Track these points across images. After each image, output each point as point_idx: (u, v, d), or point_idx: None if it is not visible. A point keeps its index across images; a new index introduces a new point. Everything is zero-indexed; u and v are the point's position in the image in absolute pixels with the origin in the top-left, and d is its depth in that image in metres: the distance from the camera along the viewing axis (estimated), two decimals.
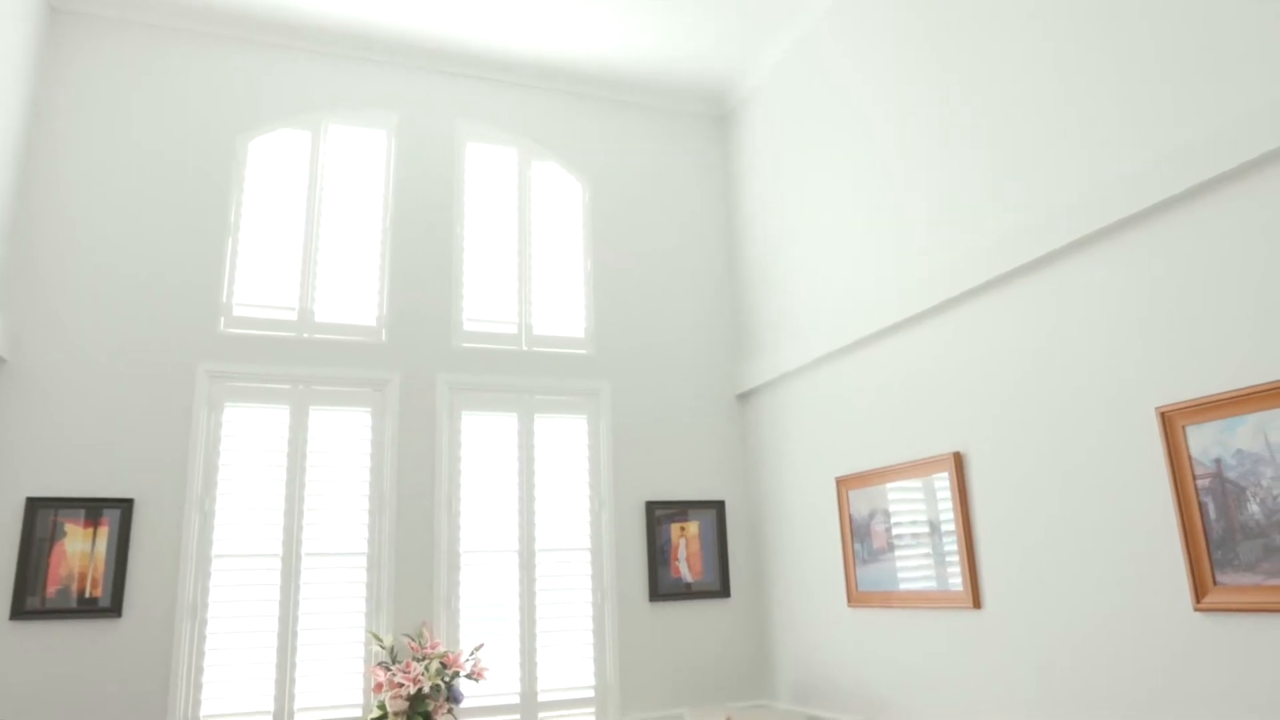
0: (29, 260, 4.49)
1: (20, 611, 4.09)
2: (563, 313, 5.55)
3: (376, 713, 4.29)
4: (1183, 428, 2.94)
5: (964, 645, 3.83)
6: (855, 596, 4.54)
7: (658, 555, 5.29)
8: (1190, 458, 2.91)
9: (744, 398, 5.77)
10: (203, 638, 4.38)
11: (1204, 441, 2.87)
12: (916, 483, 4.16)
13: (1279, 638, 2.64)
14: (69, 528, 4.24)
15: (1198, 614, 2.87)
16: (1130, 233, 3.21)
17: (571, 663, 5.03)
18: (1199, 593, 2.86)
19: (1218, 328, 2.88)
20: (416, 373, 5.06)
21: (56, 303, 4.49)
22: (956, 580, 3.88)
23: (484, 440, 5.15)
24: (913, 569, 4.15)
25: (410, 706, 4.21)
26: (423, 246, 5.28)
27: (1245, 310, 2.80)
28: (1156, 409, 3.03)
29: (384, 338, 5.07)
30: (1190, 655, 2.89)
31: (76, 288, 4.53)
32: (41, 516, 4.20)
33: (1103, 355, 3.27)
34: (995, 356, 3.77)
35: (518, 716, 4.84)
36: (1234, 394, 2.78)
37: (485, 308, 5.36)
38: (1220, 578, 2.81)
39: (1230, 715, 2.76)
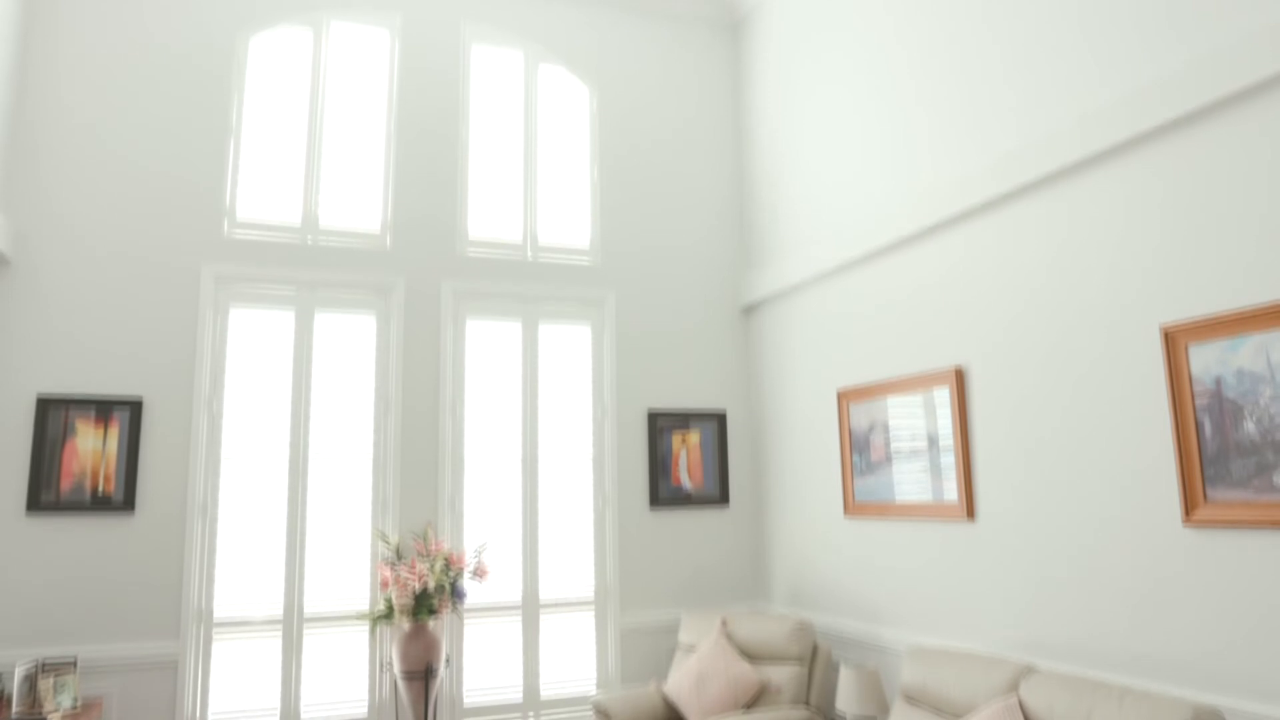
0: (31, 160, 4.45)
1: (36, 505, 4.19)
2: (568, 221, 5.50)
3: (383, 608, 4.44)
4: (1185, 346, 2.94)
5: (957, 555, 3.93)
6: (852, 507, 4.62)
7: (659, 464, 5.38)
8: (1190, 376, 2.93)
9: (748, 310, 5.77)
10: (214, 535, 4.49)
11: (1205, 360, 2.88)
12: (917, 397, 4.19)
13: (1265, 551, 2.70)
14: (80, 426, 4.31)
15: (1186, 529, 2.93)
16: (1138, 151, 3.16)
17: (572, 566, 5.16)
18: (1189, 508, 2.91)
19: (1225, 247, 2.86)
20: (421, 279, 5.06)
21: (59, 202, 4.46)
22: (952, 492, 3.94)
23: (488, 347, 5.18)
24: (909, 481, 4.22)
25: (416, 603, 4.35)
26: (427, 152, 5.21)
27: (1252, 230, 2.77)
28: (1160, 327, 3.03)
29: (389, 244, 5.05)
30: (1177, 568, 2.95)
31: (79, 187, 4.50)
32: (53, 414, 4.27)
33: (1108, 273, 3.26)
34: (1000, 273, 3.76)
35: (520, 615, 5.00)
36: (1238, 313, 2.77)
37: (490, 215, 5.32)
38: (1211, 494, 2.85)
39: (1215, 624, 2.84)
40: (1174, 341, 2.98)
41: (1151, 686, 3.00)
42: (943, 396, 4.02)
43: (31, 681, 3.78)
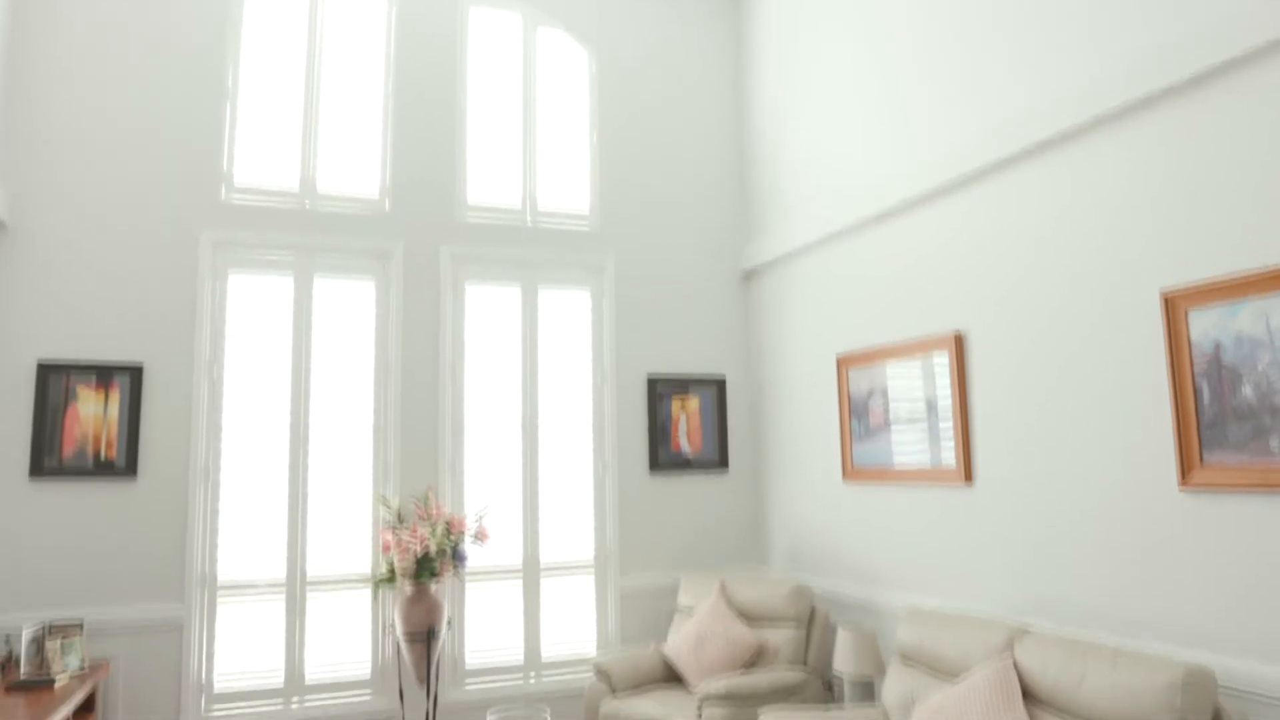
0: (27, 126, 4.41)
1: (39, 470, 4.22)
2: (568, 187, 5.47)
3: (385, 571, 4.48)
4: (1185, 311, 2.94)
5: (955, 519, 3.96)
6: (851, 471, 4.65)
7: (658, 429, 5.40)
8: (1189, 341, 2.93)
9: (748, 275, 5.76)
10: (216, 499, 4.52)
11: (1204, 325, 2.88)
12: (916, 362, 4.19)
13: (1260, 514, 2.72)
14: (81, 391, 4.32)
15: (1182, 492, 2.95)
16: (1138, 116, 3.14)
17: (572, 530, 5.20)
18: (1185, 472, 2.93)
19: (1225, 212, 2.84)
20: (420, 244, 5.04)
21: (56, 168, 4.43)
22: (950, 457, 3.97)
23: (488, 312, 5.18)
24: (908, 446, 4.24)
25: (417, 566, 4.39)
26: (425, 116, 5.16)
27: (1252, 195, 2.76)
28: (1160, 292, 3.02)
29: (387, 209, 5.02)
30: (1173, 531, 2.98)
31: (76, 153, 4.47)
32: (54, 380, 4.28)
33: (1108, 238, 3.25)
34: (1000, 238, 3.74)
35: (520, 579, 5.05)
36: (1238, 277, 2.77)
37: (490, 180, 5.29)
38: (1208, 458, 2.87)
39: (1209, 586, 2.87)
40: (1173, 306, 2.97)
41: (1146, 648, 3.04)
42: (942, 361, 4.02)
43: (39, 644, 3.83)
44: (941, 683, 3.40)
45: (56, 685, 3.61)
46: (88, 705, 3.95)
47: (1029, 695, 3.01)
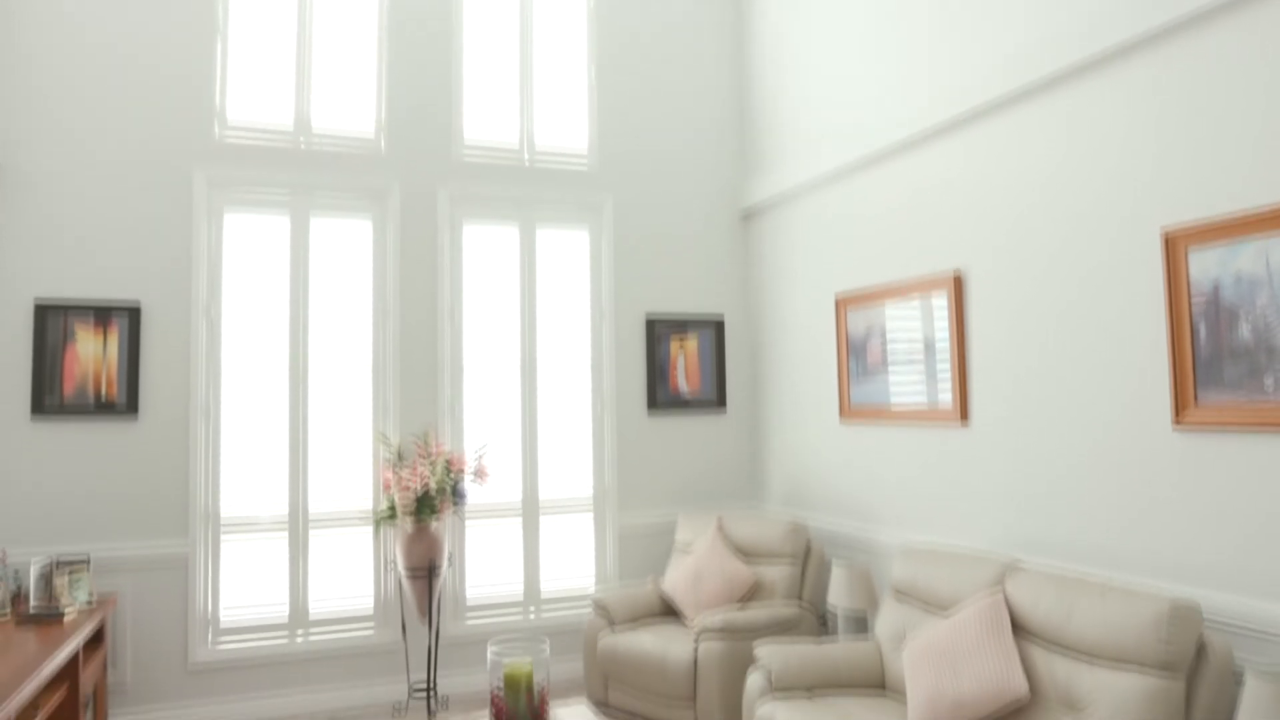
0: (18, 63, 4.33)
1: (40, 409, 4.24)
2: (566, 125, 5.40)
3: (386, 509, 4.54)
4: (1185, 250, 2.93)
5: (950, 458, 3.99)
6: (848, 411, 4.68)
7: (657, 369, 5.42)
8: (1189, 280, 2.92)
9: (747, 215, 5.72)
10: (217, 438, 4.56)
11: (1205, 264, 2.87)
12: (915, 302, 4.19)
13: (1252, 452, 2.75)
14: (79, 331, 4.32)
15: (1175, 431, 2.97)
16: (1140, 55, 3.08)
17: (571, 468, 5.25)
18: (1179, 411, 2.94)
19: (1228, 150, 2.81)
20: (417, 183, 5.00)
21: (49, 105, 4.36)
22: (947, 397, 3.99)
23: (486, 251, 5.15)
24: (905, 386, 4.26)
25: (418, 504, 4.44)
26: (421, 53, 5.07)
27: (1257, 133, 2.72)
28: (1161, 231, 3.01)
29: (383, 147, 4.96)
30: (1165, 469, 3.01)
31: (68, 90, 4.39)
32: (52, 319, 4.27)
33: (1109, 177, 3.22)
34: (1000, 178, 3.71)
35: (520, 516, 5.11)
36: (1240, 216, 2.75)
37: (486, 118, 5.21)
38: (1202, 397, 2.88)
39: (1199, 522, 2.92)
40: (1174, 245, 2.96)
41: (1135, 583, 3.09)
42: (940, 302, 4.02)
43: (47, 578, 3.89)
44: (934, 617, 3.46)
45: (65, 618, 3.68)
46: (97, 638, 4.04)
47: (1019, 628, 3.08)
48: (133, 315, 4.41)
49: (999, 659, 2.98)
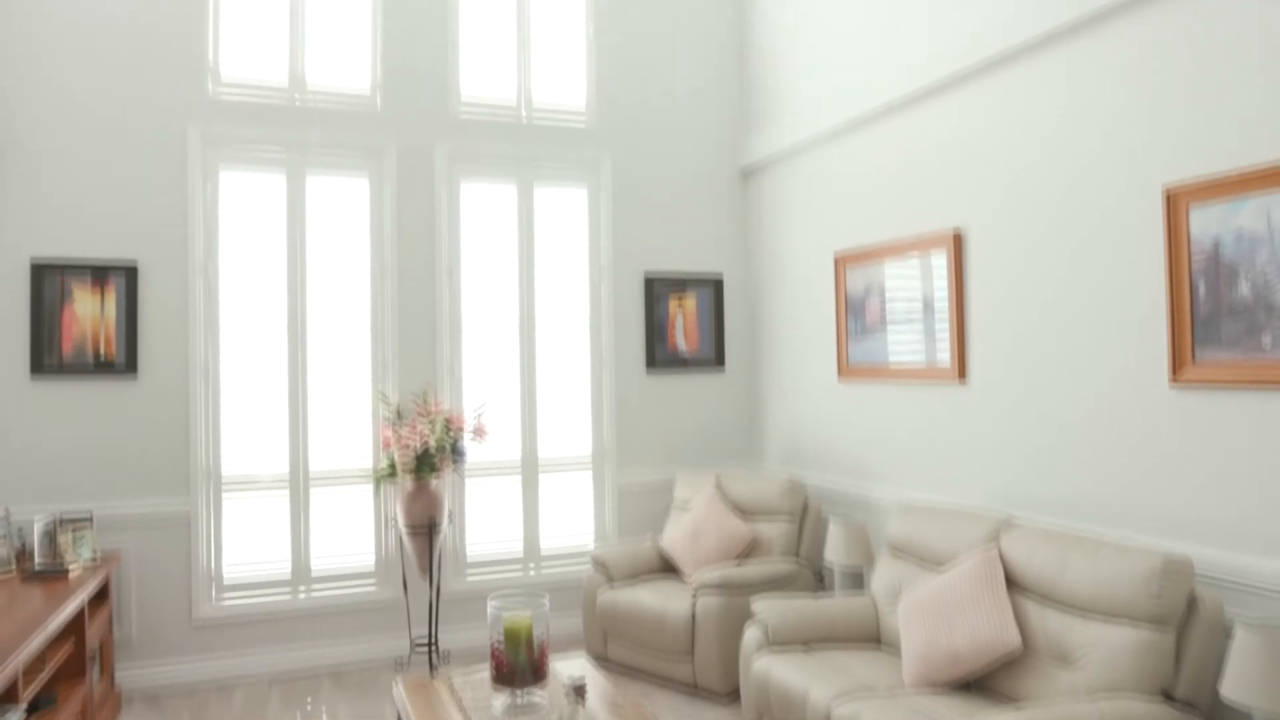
0: (10, 20, 4.26)
1: (39, 369, 4.24)
2: (563, 82, 5.33)
3: (386, 466, 4.56)
4: (1187, 207, 2.92)
5: (948, 416, 4.01)
6: (846, 370, 4.69)
7: (655, 327, 5.42)
8: (1189, 238, 2.91)
9: (747, 173, 5.68)
10: (217, 397, 4.57)
11: (1205, 221, 2.86)
12: (914, 260, 4.18)
13: (1247, 409, 2.76)
14: (77, 290, 4.31)
15: (1172, 389, 2.98)
16: (1142, 8, 3.04)
17: (570, 427, 5.28)
18: (1176, 369, 2.95)
19: (1231, 107, 2.79)
20: (414, 141, 4.95)
21: (42, 63, 4.30)
22: (945, 355, 3.99)
23: (484, 210, 5.12)
24: (903, 344, 4.26)
25: (417, 462, 4.47)
26: (418, 8, 4.98)
27: (1260, 89, 2.70)
28: (1163, 187, 2.99)
29: (379, 104, 4.91)
30: (1161, 426, 3.03)
31: (60, 47, 4.33)
32: (49, 279, 4.26)
33: (1110, 133, 3.19)
34: (1000, 135, 3.68)
35: (519, 474, 5.14)
36: (1242, 173, 2.74)
37: (483, 75, 5.15)
38: (1200, 355, 2.89)
39: (1193, 479, 2.94)
40: (1175, 202, 2.95)
41: (1130, 539, 3.12)
42: (940, 260, 4.00)
43: (51, 535, 3.92)
44: (929, 573, 3.50)
45: (70, 574, 3.71)
46: (101, 594, 4.08)
47: (1013, 583, 3.12)
48: (130, 275, 4.39)
49: (993, 613, 3.02)
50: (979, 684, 3.10)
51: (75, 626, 3.57)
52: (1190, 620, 2.67)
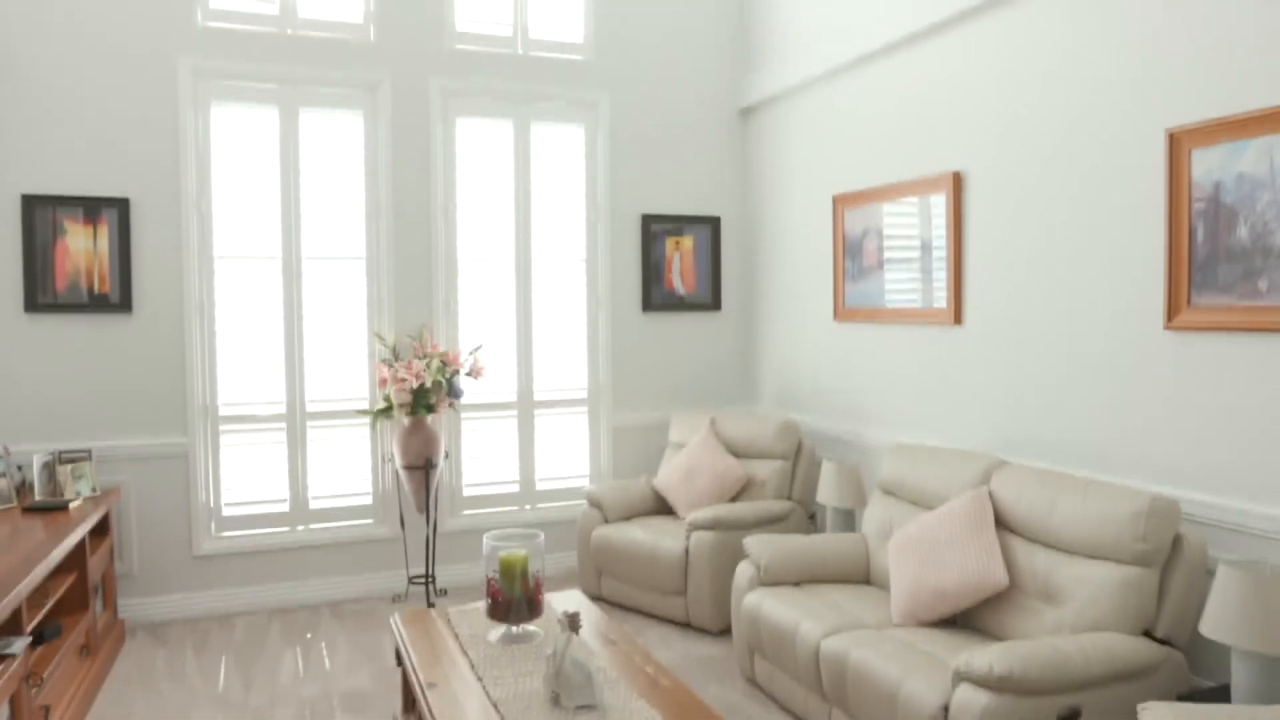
0: None
1: (33, 305, 4.22)
2: (561, 14, 5.22)
3: (383, 404, 4.58)
4: (1189, 150, 2.89)
5: (943, 359, 4.02)
6: (842, 312, 4.69)
7: (652, 268, 5.39)
8: (1190, 181, 2.89)
9: (746, 113, 5.60)
10: (213, 334, 4.56)
11: (1208, 164, 2.84)
12: (913, 202, 4.15)
13: (1241, 354, 2.77)
14: (69, 225, 4.27)
15: (1166, 332, 2.99)
16: None
17: (566, 367, 5.29)
18: (1171, 313, 2.96)
19: (1236, 48, 2.74)
20: (408, 75, 4.86)
21: None
22: (941, 297, 3.99)
23: (479, 147, 5.06)
24: (899, 286, 4.26)
25: (414, 400, 4.49)
26: None
27: (1265, 29, 2.65)
28: (1165, 130, 2.96)
29: (372, 36, 4.81)
30: (1154, 370, 3.04)
31: None
32: (40, 214, 4.22)
33: (1113, 75, 3.15)
34: (1003, 76, 3.62)
35: (515, 413, 5.17)
36: (1247, 115, 2.70)
37: (479, 5, 5.03)
38: (1195, 299, 2.89)
39: (1184, 423, 2.96)
40: (1178, 144, 2.92)
41: (1119, 481, 3.16)
42: (939, 201, 3.98)
43: (50, 470, 3.95)
44: (920, 512, 3.55)
45: (71, 507, 3.75)
46: (102, 529, 4.13)
47: (1002, 523, 3.16)
48: (122, 210, 4.35)
49: (981, 551, 3.06)
50: (966, 620, 3.17)
51: (77, 559, 3.62)
52: (1174, 559, 2.72)
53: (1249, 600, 2.28)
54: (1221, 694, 2.54)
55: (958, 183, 3.86)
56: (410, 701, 3.01)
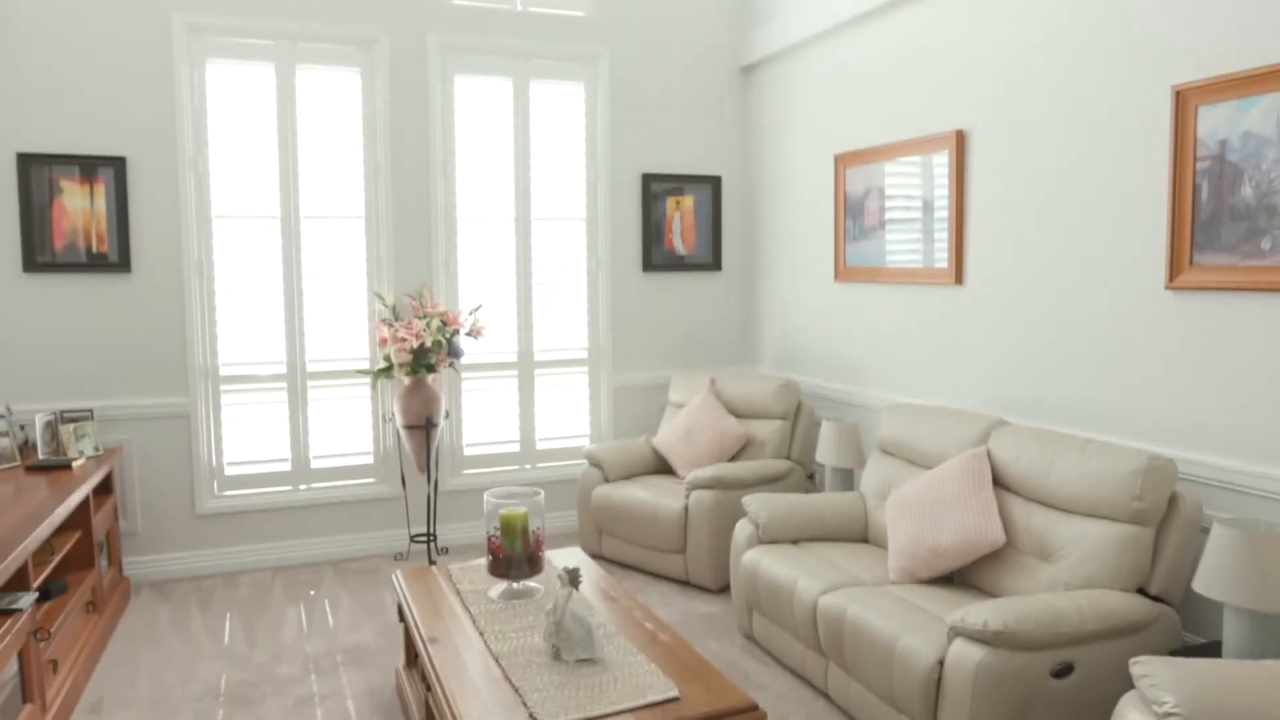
0: None
1: (32, 265, 4.21)
2: None
3: (383, 364, 4.59)
4: (1195, 108, 2.86)
5: (943, 319, 4.02)
6: (843, 272, 4.67)
7: (652, 228, 5.37)
8: (1196, 139, 2.87)
9: (747, 70, 5.53)
10: (212, 294, 4.55)
11: (1214, 122, 2.81)
12: (915, 160, 4.12)
13: (1242, 314, 2.77)
14: (65, 184, 4.25)
15: (1167, 292, 2.98)
16: None
17: (566, 327, 5.28)
18: (1173, 272, 2.95)
19: (1245, 4, 2.70)
20: (405, 31, 4.79)
21: None
22: (942, 257, 3.97)
23: (478, 106, 5.00)
24: (901, 246, 4.24)
25: (414, 359, 4.49)
26: None
27: None
28: (1172, 87, 2.92)
29: None
30: (1154, 330, 3.04)
31: None
32: (36, 173, 4.19)
33: (1121, 31, 3.10)
34: (1008, 32, 3.57)
35: (515, 373, 5.18)
36: (1255, 71, 2.67)
37: None
38: (1198, 258, 2.88)
39: (1184, 383, 2.97)
40: (1184, 102, 2.89)
41: (1118, 441, 3.17)
42: (941, 160, 3.95)
43: (53, 430, 3.97)
44: (919, 472, 3.57)
45: (74, 466, 3.77)
46: (106, 488, 4.16)
47: (1000, 482, 3.18)
48: (118, 169, 4.32)
49: (978, 510, 3.09)
50: (962, 578, 3.20)
51: (81, 517, 3.66)
52: (1169, 519, 2.74)
53: (1242, 558, 2.30)
54: (1213, 650, 2.57)
55: (961, 141, 3.83)
56: (413, 656, 3.06)
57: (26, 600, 2.70)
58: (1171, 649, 2.67)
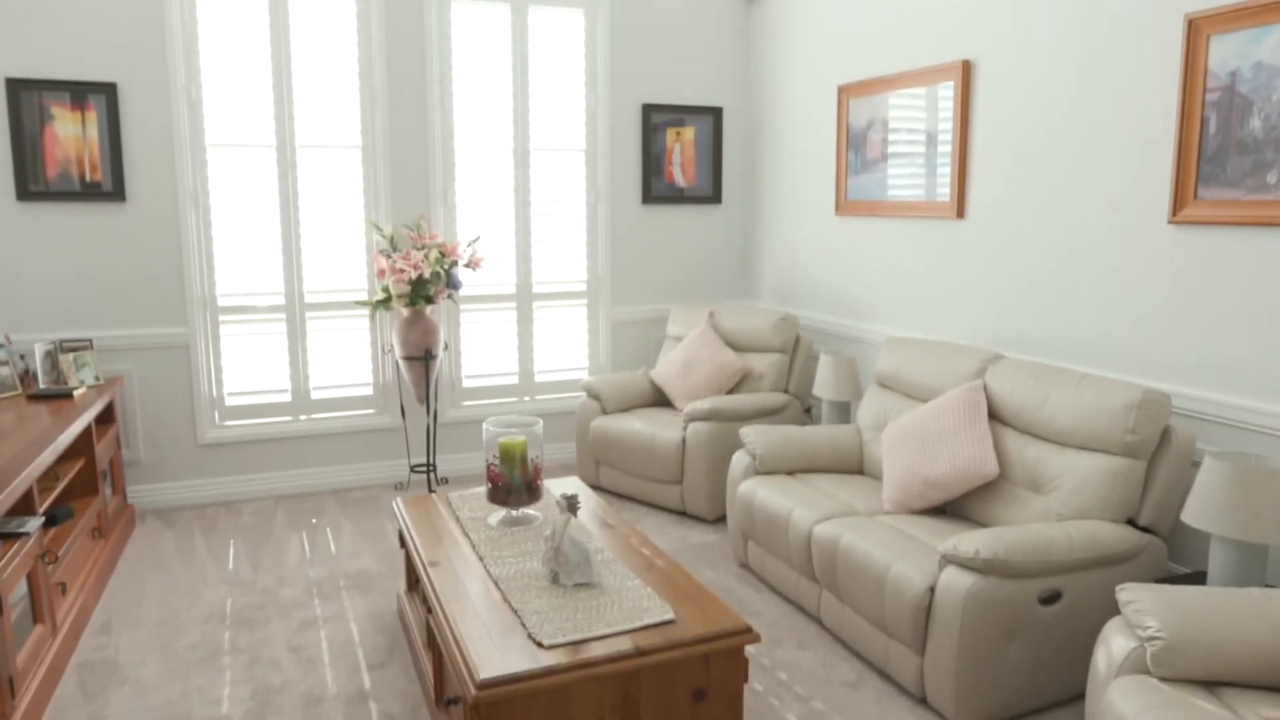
0: None
1: (25, 194, 4.17)
2: None
3: (381, 295, 4.58)
4: (1207, 37, 2.80)
5: (944, 253, 4.00)
6: (844, 205, 4.63)
7: (652, 159, 5.30)
8: (1206, 69, 2.82)
9: None
10: (208, 224, 4.52)
11: (1225, 53, 2.76)
12: (920, 92, 4.05)
13: (1245, 248, 2.76)
14: (56, 111, 4.18)
15: (1170, 226, 2.97)
16: None
17: (565, 259, 5.26)
18: (1177, 206, 2.93)
19: None
20: None
21: None
22: (945, 190, 3.94)
23: (476, 33, 4.90)
24: (903, 179, 4.20)
25: (412, 291, 4.48)
26: None
27: None
28: (1184, 15, 2.86)
29: None
30: (1155, 264, 3.03)
31: None
32: (26, 98, 4.12)
33: None
34: None
35: (514, 304, 5.17)
36: (1269, 0, 2.62)
37: None
38: (1202, 193, 2.86)
39: (1183, 318, 2.97)
40: (1196, 31, 2.83)
41: (1117, 376, 3.19)
42: (946, 91, 3.88)
43: (53, 359, 3.98)
44: (916, 405, 3.59)
45: (75, 395, 3.79)
46: (107, 417, 4.18)
47: (995, 416, 3.20)
48: (110, 95, 4.24)
49: (973, 442, 3.12)
50: (955, 509, 3.25)
51: (84, 445, 3.69)
52: (1161, 452, 2.77)
53: (1231, 490, 2.33)
54: (1198, 579, 2.62)
55: (967, 71, 3.76)
56: (414, 580, 3.12)
57: (33, 524, 2.74)
58: (1157, 578, 2.73)
